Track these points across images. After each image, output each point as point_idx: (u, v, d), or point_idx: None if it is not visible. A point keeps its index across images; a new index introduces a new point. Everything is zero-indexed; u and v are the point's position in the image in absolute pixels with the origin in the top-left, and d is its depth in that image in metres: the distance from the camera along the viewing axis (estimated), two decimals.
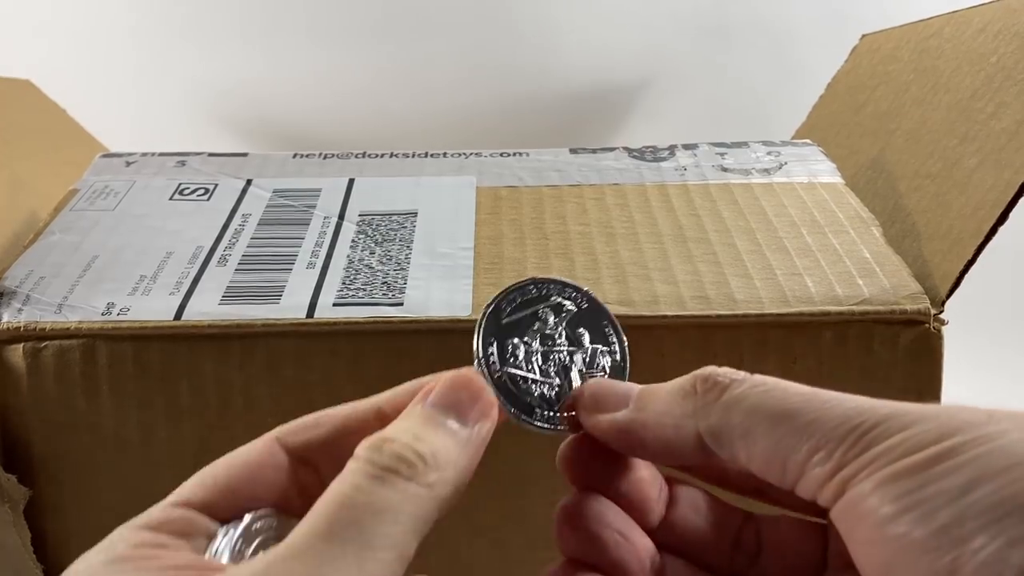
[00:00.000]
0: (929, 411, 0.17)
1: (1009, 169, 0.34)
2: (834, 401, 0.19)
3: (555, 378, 0.24)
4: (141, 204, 0.42)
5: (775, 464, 0.19)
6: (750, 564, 0.23)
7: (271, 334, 0.34)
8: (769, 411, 0.19)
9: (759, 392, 0.20)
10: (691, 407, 0.21)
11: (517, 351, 0.24)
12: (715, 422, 0.20)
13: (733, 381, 0.20)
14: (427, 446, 0.20)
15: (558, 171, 0.45)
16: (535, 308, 0.25)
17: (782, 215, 0.40)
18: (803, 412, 0.19)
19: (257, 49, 0.64)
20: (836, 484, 0.18)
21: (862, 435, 0.17)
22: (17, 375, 0.33)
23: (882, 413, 0.18)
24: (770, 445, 0.19)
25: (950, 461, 0.16)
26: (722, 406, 0.20)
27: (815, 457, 0.18)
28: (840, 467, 0.18)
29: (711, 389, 0.20)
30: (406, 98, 0.65)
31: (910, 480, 0.16)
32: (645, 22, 0.64)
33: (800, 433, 0.18)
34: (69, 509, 0.35)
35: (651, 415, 0.22)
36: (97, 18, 0.63)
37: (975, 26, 0.41)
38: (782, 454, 0.19)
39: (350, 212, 0.41)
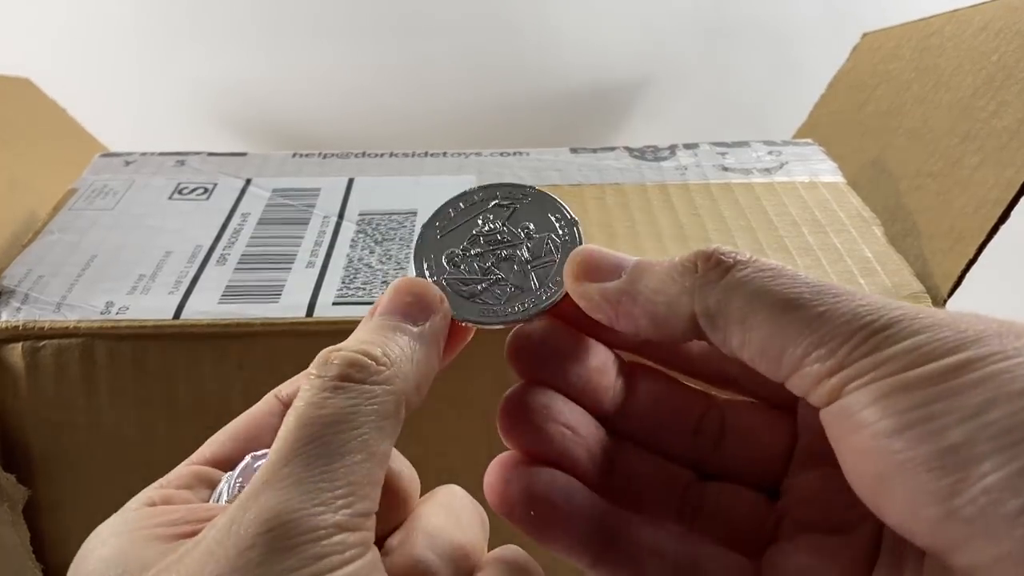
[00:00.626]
0: (943, 317, 0.16)
1: (1011, 168, 0.34)
2: (845, 296, 0.17)
3: (497, 272, 0.23)
4: (140, 203, 0.42)
5: (770, 354, 0.18)
6: (712, 449, 0.22)
7: (270, 333, 0.33)
8: (773, 298, 0.18)
9: (765, 277, 0.18)
10: (689, 284, 0.19)
11: (455, 258, 0.23)
12: (713, 303, 0.19)
13: (738, 262, 0.19)
14: (377, 347, 0.19)
15: (558, 170, 0.45)
16: (474, 214, 0.24)
17: (783, 214, 0.40)
18: (810, 303, 0.17)
19: (257, 48, 0.64)
20: (834, 384, 0.17)
21: (870, 335, 0.16)
22: (16, 374, 0.33)
23: (894, 314, 0.16)
24: (769, 334, 0.18)
25: (966, 376, 0.15)
26: (723, 287, 0.19)
27: (816, 352, 0.17)
28: (841, 366, 0.16)
29: (714, 268, 0.19)
30: (406, 97, 0.65)
31: (919, 393, 0.15)
32: (645, 21, 0.64)
33: (804, 324, 0.17)
34: (68, 508, 0.35)
35: (645, 288, 0.20)
36: (96, 17, 0.63)
37: (976, 25, 0.41)
38: (780, 344, 0.17)
39: (350, 211, 0.41)
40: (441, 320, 0.21)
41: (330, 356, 0.19)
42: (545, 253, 0.23)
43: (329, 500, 0.16)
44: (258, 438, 0.22)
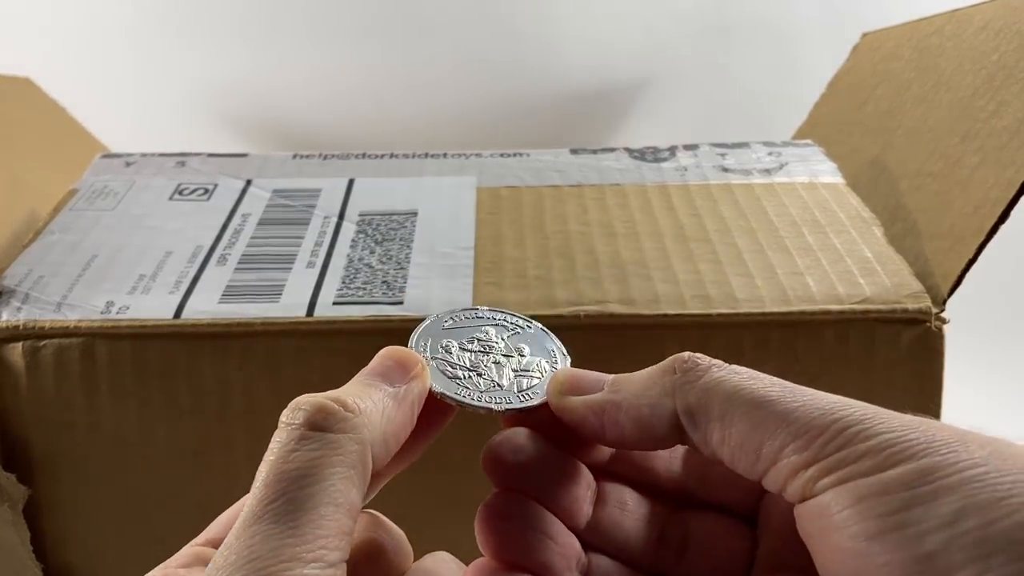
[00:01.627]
0: (908, 420, 0.17)
1: (1011, 167, 0.34)
2: (813, 396, 0.18)
3: (485, 370, 0.24)
4: (141, 204, 0.42)
5: (748, 449, 0.19)
6: (676, 560, 0.23)
7: (271, 333, 0.34)
8: (750, 395, 0.19)
9: (740, 378, 0.20)
10: (670, 385, 0.20)
11: (451, 347, 0.24)
12: (693, 401, 0.20)
13: (713, 365, 0.20)
14: (348, 397, 0.20)
15: (559, 171, 0.45)
16: (479, 324, 0.25)
17: (783, 215, 0.40)
18: (785, 399, 0.18)
19: (257, 48, 0.64)
20: (810, 475, 0.17)
21: (843, 428, 0.17)
22: (16, 374, 0.33)
23: (859, 414, 0.18)
24: (747, 429, 0.19)
25: (938, 482, 0.16)
26: (702, 386, 0.20)
27: (792, 444, 0.18)
28: (816, 459, 0.17)
29: (691, 369, 0.20)
30: (406, 97, 0.65)
31: (895, 498, 0.16)
32: (646, 22, 0.64)
33: (779, 419, 0.18)
34: (68, 508, 0.35)
35: (628, 395, 0.21)
36: (97, 16, 0.63)
37: (976, 24, 0.41)
38: (758, 438, 0.18)
39: (350, 212, 0.41)
40: (417, 385, 0.22)
41: (300, 402, 0.19)
42: (532, 370, 0.24)
43: (298, 555, 0.17)
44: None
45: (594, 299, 0.35)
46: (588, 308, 0.34)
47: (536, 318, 0.34)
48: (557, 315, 0.34)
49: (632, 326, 0.34)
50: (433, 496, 0.34)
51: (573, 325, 0.34)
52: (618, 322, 0.34)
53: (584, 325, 0.34)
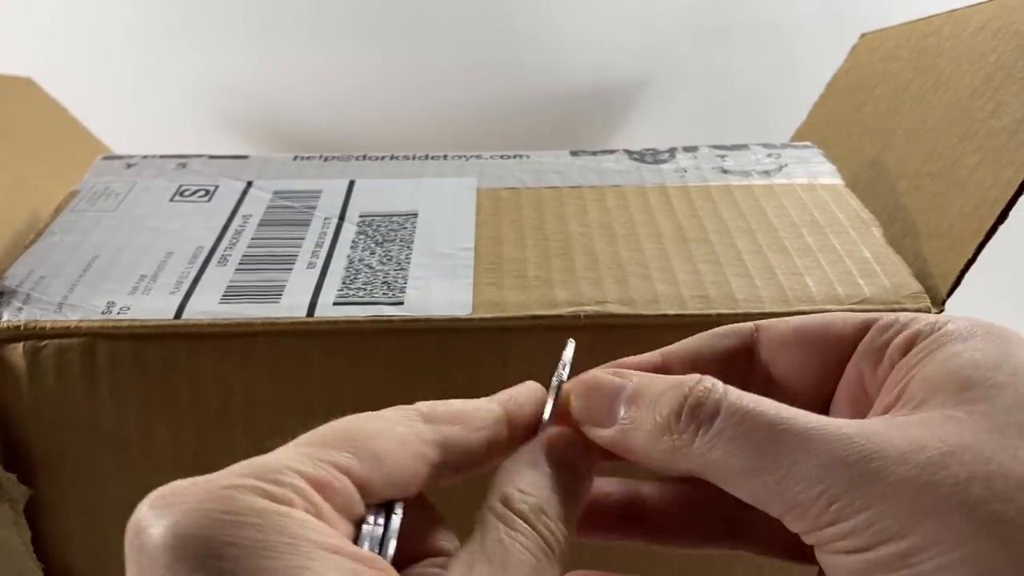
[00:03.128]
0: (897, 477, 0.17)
1: (1009, 168, 0.34)
2: (799, 451, 0.18)
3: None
4: (142, 205, 0.42)
5: (758, 504, 0.19)
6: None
7: (271, 333, 0.34)
8: (742, 461, 0.19)
9: (729, 438, 0.19)
10: (670, 449, 0.20)
11: None
12: (695, 467, 0.20)
13: (703, 422, 0.20)
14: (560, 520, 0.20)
15: (558, 173, 0.45)
16: None
17: (782, 216, 0.40)
18: (771, 468, 0.19)
19: (259, 49, 0.64)
20: (814, 538, 0.18)
21: (828, 504, 0.18)
22: (17, 374, 0.33)
23: (847, 477, 0.18)
24: (748, 493, 0.19)
25: (911, 569, 0.17)
26: (697, 453, 0.20)
27: (789, 514, 0.19)
28: (813, 528, 0.18)
29: (685, 431, 0.20)
30: (406, 97, 0.66)
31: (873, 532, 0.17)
32: (645, 22, 0.64)
33: (771, 492, 0.19)
34: (69, 508, 0.35)
35: (638, 443, 0.21)
36: (99, 17, 0.63)
37: (974, 24, 0.41)
38: (761, 502, 0.19)
39: (350, 213, 0.41)
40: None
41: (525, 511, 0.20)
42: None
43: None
44: (401, 477, 0.20)
45: (594, 299, 0.35)
46: (588, 308, 0.34)
47: (536, 318, 0.34)
48: (557, 315, 0.34)
49: (632, 326, 0.34)
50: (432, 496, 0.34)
51: (573, 325, 0.34)
52: (618, 322, 0.34)
53: (584, 325, 0.34)
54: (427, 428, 0.21)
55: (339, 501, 0.18)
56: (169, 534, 0.16)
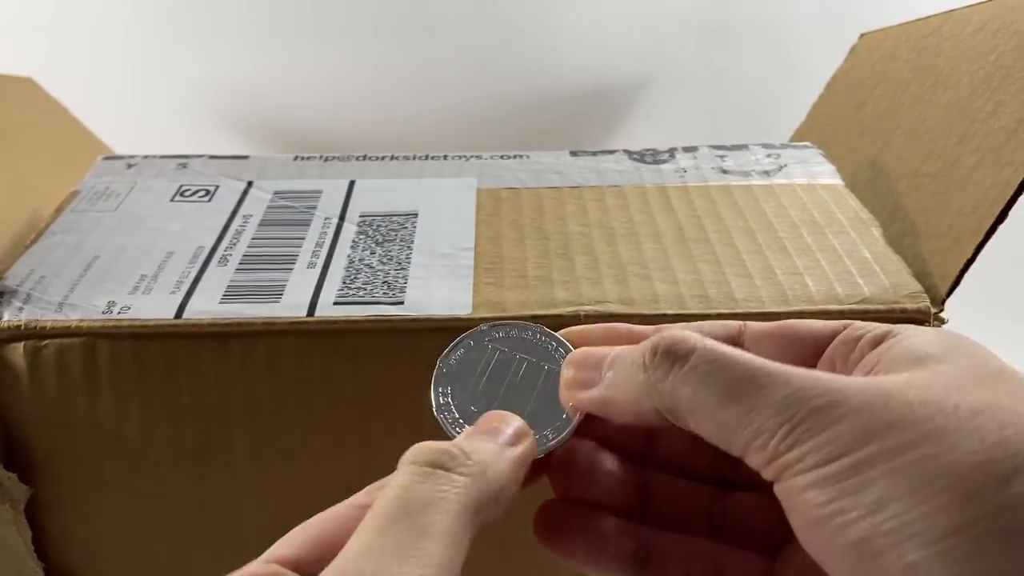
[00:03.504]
0: (856, 405, 0.18)
1: (1008, 167, 0.34)
2: (773, 385, 0.20)
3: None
4: (142, 205, 0.42)
5: (720, 442, 0.20)
6: (732, 468, 0.25)
7: (271, 332, 0.34)
8: (710, 394, 0.20)
9: (701, 373, 0.20)
10: (644, 385, 0.22)
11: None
12: (666, 402, 0.21)
13: (678, 358, 0.21)
14: (467, 445, 0.21)
15: (558, 173, 0.45)
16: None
17: (782, 216, 0.40)
18: (742, 398, 0.20)
19: (259, 49, 0.64)
20: (773, 468, 0.19)
21: (793, 428, 0.19)
22: (17, 374, 0.33)
23: (815, 404, 0.19)
24: (714, 427, 0.20)
25: (865, 474, 0.17)
26: (669, 387, 0.21)
27: (754, 443, 0.19)
28: (774, 456, 0.19)
29: (659, 366, 0.21)
30: (406, 97, 0.66)
31: (832, 489, 0.18)
32: (645, 22, 0.64)
33: (738, 420, 0.20)
34: (69, 508, 0.35)
35: (618, 392, 0.23)
36: (99, 16, 0.63)
37: (974, 24, 0.41)
38: (726, 435, 0.20)
39: (351, 213, 0.41)
40: (526, 451, 0.23)
41: (423, 445, 0.21)
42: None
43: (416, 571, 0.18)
44: (337, 543, 0.21)
45: (594, 299, 0.35)
46: (588, 308, 0.34)
47: (536, 318, 0.34)
48: (557, 315, 0.34)
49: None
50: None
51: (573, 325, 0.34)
52: (618, 322, 0.34)
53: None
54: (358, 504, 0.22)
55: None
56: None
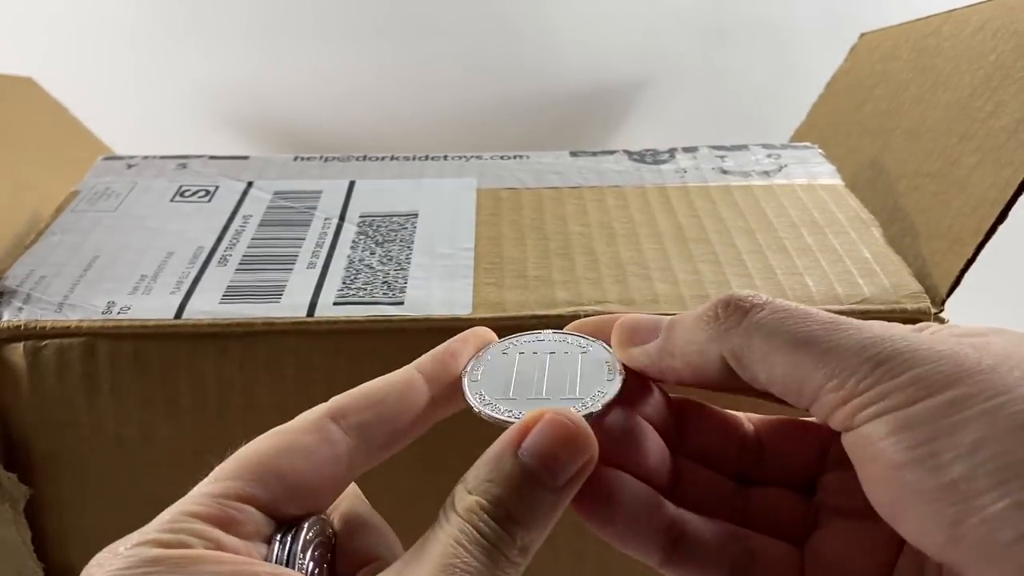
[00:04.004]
0: (942, 350, 0.18)
1: (1008, 167, 0.34)
2: (852, 329, 0.19)
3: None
4: (142, 205, 0.42)
5: (791, 387, 0.20)
6: (755, 463, 0.25)
7: (271, 332, 0.34)
8: (787, 336, 0.20)
9: (778, 317, 0.20)
10: (714, 331, 0.21)
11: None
12: (736, 346, 0.21)
13: (754, 306, 0.21)
14: (526, 532, 0.20)
15: (558, 173, 0.45)
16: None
17: (782, 216, 0.40)
18: (820, 339, 0.19)
19: (259, 49, 0.64)
20: (847, 411, 0.19)
21: (875, 367, 0.18)
22: (17, 374, 0.33)
23: (898, 346, 0.18)
24: (788, 370, 0.20)
25: (959, 415, 0.17)
26: (743, 331, 0.20)
27: (829, 383, 0.19)
28: (852, 396, 0.18)
29: (732, 314, 0.21)
30: (406, 97, 0.66)
31: (922, 430, 0.17)
32: (645, 22, 0.64)
33: (816, 359, 0.19)
34: (69, 507, 0.35)
35: (678, 343, 0.22)
36: (100, 16, 0.63)
37: (973, 24, 0.41)
38: (799, 378, 0.19)
39: (351, 213, 0.41)
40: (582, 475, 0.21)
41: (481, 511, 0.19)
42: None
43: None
44: (313, 486, 0.21)
45: (594, 299, 0.35)
46: (588, 308, 0.34)
47: (536, 318, 0.34)
48: (557, 315, 0.34)
49: None
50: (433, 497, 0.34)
51: None
52: None
53: None
54: (336, 429, 0.21)
55: (247, 530, 0.19)
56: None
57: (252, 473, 0.20)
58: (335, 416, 0.21)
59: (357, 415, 0.22)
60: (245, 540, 0.19)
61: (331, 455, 0.21)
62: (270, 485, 0.20)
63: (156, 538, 0.18)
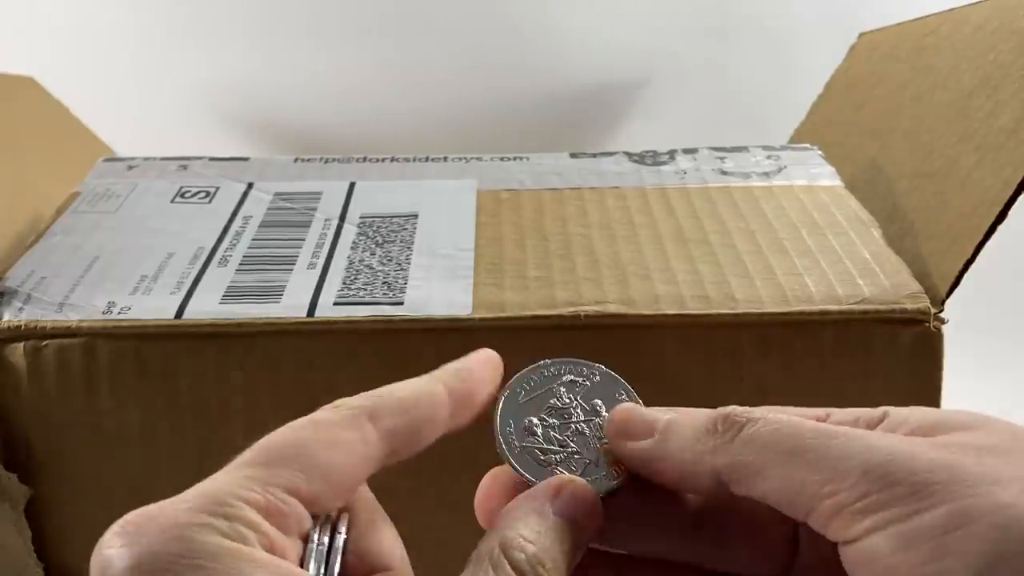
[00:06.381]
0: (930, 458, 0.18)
1: (1008, 167, 0.34)
2: (842, 437, 0.19)
3: (572, 445, 0.25)
4: (143, 206, 0.42)
5: (786, 498, 0.20)
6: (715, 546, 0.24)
7: (271, 333, 0.34)
8: (781, 448, 0.20)
9: (771, 430, 0.20)
10: (711, 445, 0.21)
11: (535, 428, 0.25)
12: (731, 460, 0.21)
13: (749, 420, 0.21)
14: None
15: (558, 174, 0.45)
16: (549, 386, 0.26)
17: (782, 217, 0.40)
18: (812, 449, 0.19)
19: (260, 50, 0.64)
20: (845, 520, 0.18)
21: (869, 475, 0.18)
22: (18, 374, 0.33)
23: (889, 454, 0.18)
24: (783, 481, 0.20)
25: (964, 530, 0.17)
26: (738, 444, 0.21)
27: (823, 490, 0.19)
28: (847, 503, 0.18)
29: (729, 428, 0.21)
30: (406, 97, 0.66)
31: (929, 547, 0.17)
32: (645, 22, 0.64)
33: (809, 469, 0.19)
34: (69, 508, 0.35)
35: (673, 448, 0.22)
36: (100, 16, 0.63)
37: (972, 24, 0.41)
38: (793, 489, 0.19)
39: (351, 214, 0.41)
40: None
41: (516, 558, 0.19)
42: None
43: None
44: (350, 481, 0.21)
45: (594, 300, 0.35)
46: (588, 308, 0.34)
47: (536, 318, 0.34)
48: (557, 315, 0.34)
49: (632, 326, 0.34)
50: (433, 495, 0.34)
51: (573, 325, 0.34)
52: (618, 322, 0.34)
53: (584, 325, 0.34)
54: (372, 429, 0.21)
55: (289, 524, 0.19)
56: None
57: (298, 463, 0.19)
58: (372, 416, 0.21)
59: (392, 419, 0.22)
60: (287, 536, 0.19)
61: (365, 455, 0.21)
62: (314, 479, 0.19)
63: (216, 525, 0.17)
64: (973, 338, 0.41)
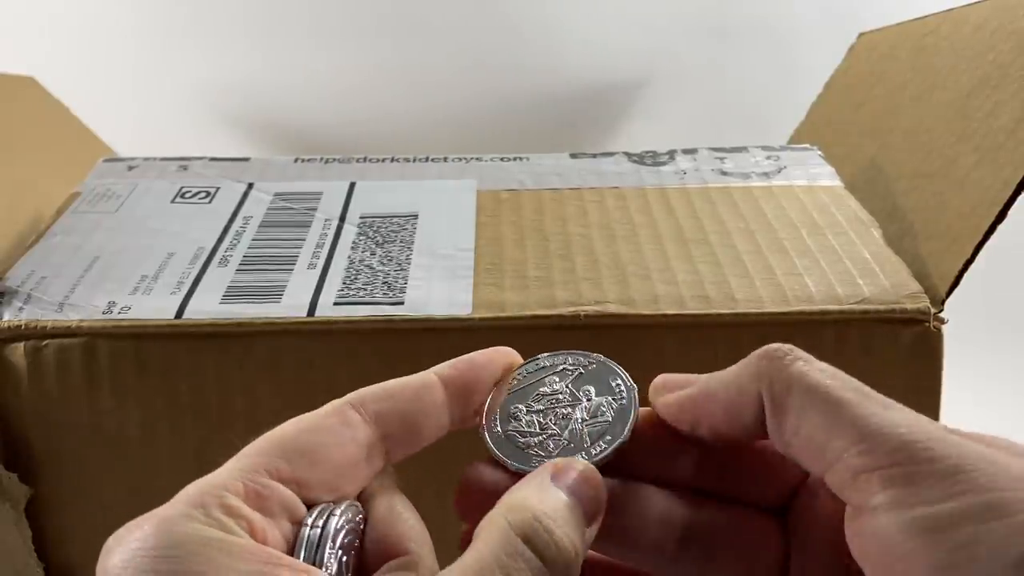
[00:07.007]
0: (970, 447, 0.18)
1: (1007, 167, 0.34)
2: (887, 407, 0.19)
3: (553, 429, 0.25)
4: (143, 206, 0.42)
5: (816, 443, 0.19)
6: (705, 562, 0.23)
7: (271, 332, 0.34)
8: (828, 394, 0.20)
9: (821, 375, 0.20)
10: (757, 371, 0.21)
11: (519, 414, 0.25)
12: (777, 389, 0.20)
13: (799, 358, 0.21)
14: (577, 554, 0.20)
15: (558, 175, 0.45)
16: (542, 376, 0.26)
17: (781, 217, 0.40)
18: (858, 405, 0.19)
19: (260, 50, 0.65)
20: (867, 481, 0.18)
21: (907, 443, 0.18)
22: (18, 373, 0.33)
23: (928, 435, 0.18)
24: (818, 424, 0.19)
25: (1003, 521, 0.16)
26: (787, 376, 0.20)
27: (856, 448, 0.18)
28: (877, 466, 0.18)
29: (780, 359, 0.21)
30: (406, 97, 0.66)
31: (961, 533, 0.17)
32: (645, 22, 0.64)
33: (850, 421, 0.19)
34: (70, 507, 0.36)
35: (716, 385, 0.22)
36: (101, 16, 0.63)
37: (972, 24, 0.41)
38: (826, 435, 0.19)
39: (351, 214, 0.41)
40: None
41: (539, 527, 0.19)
42: (600, 414, 0.24)
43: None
44: (338, 468, 0.21)
45: (594, 299, 0.35)
46: (588, 308, 0.34)
47: (536, 318, 0.34)
48: (557, 315, 0.34)
49: (632, 326, 0.34)
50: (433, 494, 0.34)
51: (573, 325, 0.34)
52: (618, 322, 0.34)
53: (584, 325, 0.34)
54: (354, 414, 0.22)
55: (271, 507, 0.20)
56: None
57: (276, 449, 0.21)
58: (354, 404, 0.22)
59: (375, 404, 0.22)
60: (268, 517, 0.19)
61: (351, 436, 0.21)
62: (293, 460, 0.20)
63: (190, 514, 0.18)
64: (973, 338, 0.41)
